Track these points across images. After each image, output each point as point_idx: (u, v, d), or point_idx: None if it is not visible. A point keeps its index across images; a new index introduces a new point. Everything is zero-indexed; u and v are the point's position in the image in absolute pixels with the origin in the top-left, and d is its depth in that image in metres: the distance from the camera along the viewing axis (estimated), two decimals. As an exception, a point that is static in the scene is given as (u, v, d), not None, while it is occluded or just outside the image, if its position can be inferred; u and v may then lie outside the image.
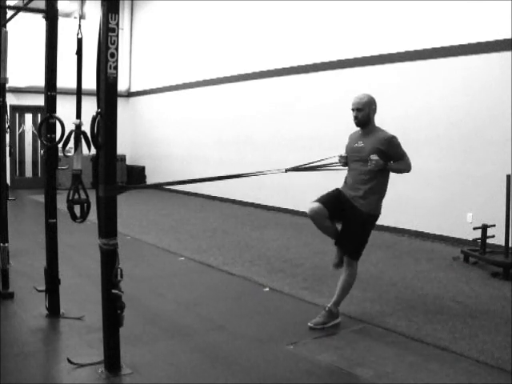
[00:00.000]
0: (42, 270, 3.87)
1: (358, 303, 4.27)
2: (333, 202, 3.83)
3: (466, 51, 6.68)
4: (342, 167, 4.04)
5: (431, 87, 7.15)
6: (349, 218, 3.85)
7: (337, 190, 3.95)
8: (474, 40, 6.58)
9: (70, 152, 3.60)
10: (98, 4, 2.84)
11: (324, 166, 4.17)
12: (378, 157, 3.71)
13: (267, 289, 4.72)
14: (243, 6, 10.51)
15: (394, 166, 3.85)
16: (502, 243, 5.41)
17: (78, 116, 3.28)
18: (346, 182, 3.99)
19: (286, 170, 3.99)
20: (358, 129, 3.99)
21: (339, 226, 3.94)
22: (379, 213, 3.92)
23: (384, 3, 7.70)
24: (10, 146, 4.75)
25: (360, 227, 3.84)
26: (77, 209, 3.17)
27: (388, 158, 3.80)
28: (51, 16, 3.72)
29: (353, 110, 3.90)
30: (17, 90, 11.99)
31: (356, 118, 3.89)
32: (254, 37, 10.29)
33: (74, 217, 3.18)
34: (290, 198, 9.34)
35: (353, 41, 8.25)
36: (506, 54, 6.20)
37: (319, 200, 3.81)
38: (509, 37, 6.13)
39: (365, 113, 3.85)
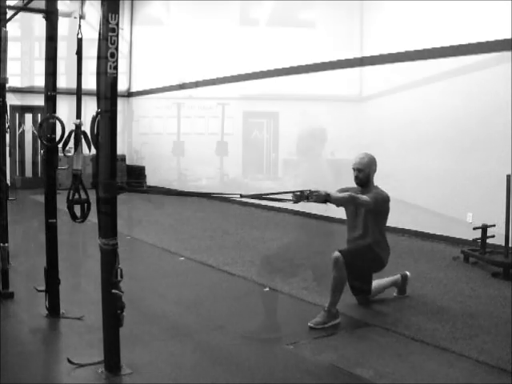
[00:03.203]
0: (42, 270, 3.87)
1: (357, 303, 4.26)
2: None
3: (466, 51, 6.68)
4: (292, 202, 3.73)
5: (431, 87, 7.15)
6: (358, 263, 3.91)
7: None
8: (474, 40, 6.57)
9: (69, 152, 3.61)
10: (98, 4, 2.84)
11: (279, 197, 3.86)
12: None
13: (267, 289, 4.72)
14: (243, 6, 10.49)
15: (338, 197, 3.68)
16: (502, 243, 5.40)
17: (78, 116, 3.29)
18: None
19: (241, 196, 3.75)
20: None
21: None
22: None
23: (384, 3, 7.69)
24: (9, 146, 4.75)
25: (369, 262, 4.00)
26: (77, 209, 3.18)
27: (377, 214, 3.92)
28: (51, 16, 3.72)
29: (354, 169, 3.97)
30: (17, 90, 11.98)
31: (357, 177, 3.98)
32: (253, 37, 10.26)
33: (74, 217, 3.19)
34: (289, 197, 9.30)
35: (353, 41, 8.23)
36: (506, 54, 6.20)
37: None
38: (509, 37, 6.12)
39: (365, 173, 3.95)
